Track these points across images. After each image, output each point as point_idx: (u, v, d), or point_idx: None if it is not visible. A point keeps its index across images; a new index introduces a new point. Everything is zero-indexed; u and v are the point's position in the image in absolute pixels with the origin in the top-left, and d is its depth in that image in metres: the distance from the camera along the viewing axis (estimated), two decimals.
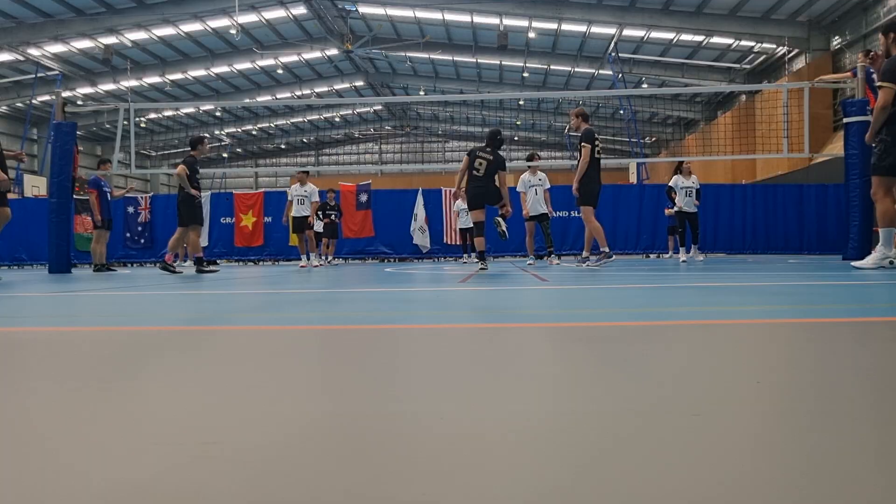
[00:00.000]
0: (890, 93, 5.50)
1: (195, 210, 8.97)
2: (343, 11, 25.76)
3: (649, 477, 0.64)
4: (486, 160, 7.45)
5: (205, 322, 2.39)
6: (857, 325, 1.94)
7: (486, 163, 7.44)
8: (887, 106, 5.54)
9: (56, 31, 23.10)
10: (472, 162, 7.51)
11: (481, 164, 7.45)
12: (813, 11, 21.17)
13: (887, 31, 5.87)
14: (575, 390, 1.06)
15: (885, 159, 5.59)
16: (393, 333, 1.94)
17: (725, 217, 15.54)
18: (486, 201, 7.58)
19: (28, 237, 15.67)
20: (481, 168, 7.43)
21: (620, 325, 2.05)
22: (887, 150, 5.58)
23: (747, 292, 3.30)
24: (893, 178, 5.65)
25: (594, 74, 28.86)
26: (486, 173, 7.43)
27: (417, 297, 3.55)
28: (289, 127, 41.21)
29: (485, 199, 7.56)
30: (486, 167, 7.42)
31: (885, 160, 5.60)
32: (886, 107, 5.54)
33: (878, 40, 5.98)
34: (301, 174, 11.81)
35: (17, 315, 2.78)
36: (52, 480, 0.66)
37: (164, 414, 0.94)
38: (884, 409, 0.91)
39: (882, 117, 5.59)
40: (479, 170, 7.44)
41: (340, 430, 0.83)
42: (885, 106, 5.54)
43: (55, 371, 1.34)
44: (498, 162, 7.49)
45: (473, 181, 7.52)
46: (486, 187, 7.46)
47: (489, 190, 7.47)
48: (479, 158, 7.49)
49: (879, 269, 5.44)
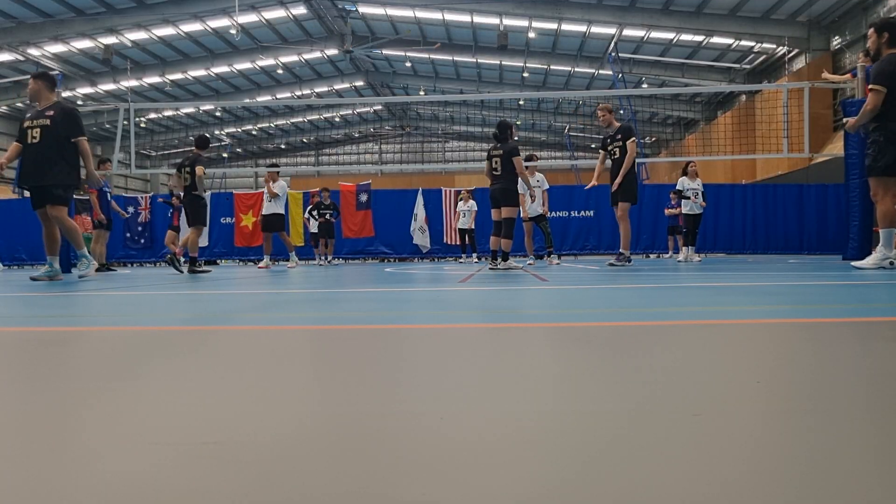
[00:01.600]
0: (880, 96, 5.49)
1: (203, 210, 9.30)
2: (343, 11, 25.77)
3: (649, 477, 0.64)
4: (498, 155, 7.68)
5: (204, 322, 2.39)
6: (857, 326, 1.94)
7: (499, 158, 7.68)
8: (876, 108, 5.53)
9: (56, 31, 23.10)
10: (489, 163, 7.81)
11: (496, 161, 7.70)
12: (813, 11, 21.17)
13: (881, 31, 5.71)
14: (575, 390, 1.06)
15: (880, 160, 5.59)
16: (393, 333, 1.94)
17: (725, 217, 15.55)
18: (502, 201, 7.67)
19: (28, 237, 15.66)
20: (497, 165, 7.69)
21: (620, 325, 2.05)
22: (881, 150, 5.58)
23: (747, 292, 3.30)
24: (891, 177, 5.65)
25: (594, 74, 28.88)
26: (503, 168, 7.65)
27: (417, 297, 3.55)
28: (289, 127, 41.22)
29: (502, 198, 7.72)
30: (500, 162, 7.66)
31: (879, 161, 5.60)
32: (875, 109, 5.53)
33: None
34: (272, 173, 11.65)
35: (17, 315, 2.78)
36: (51, 480, 0.66)
37: (164, 414, 0.94)
38: (884, 409, 0.91)
39: (868, 118, 5.59)
40: (496, 168, 7.71)
41: (340, 430, 0.83)
42: (873, 108, 5.54)
43: (54, 371, 1.34)
44: (508, 151, 7.67)
45: (493, 181, 7.82)
46: (503, 186, 7.69)
47: (506, 188, 7.70)
48: (493, 157, 7.76)
49: (879, 269, 5.44)
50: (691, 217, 11.81)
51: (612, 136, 8.05)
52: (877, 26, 5.79)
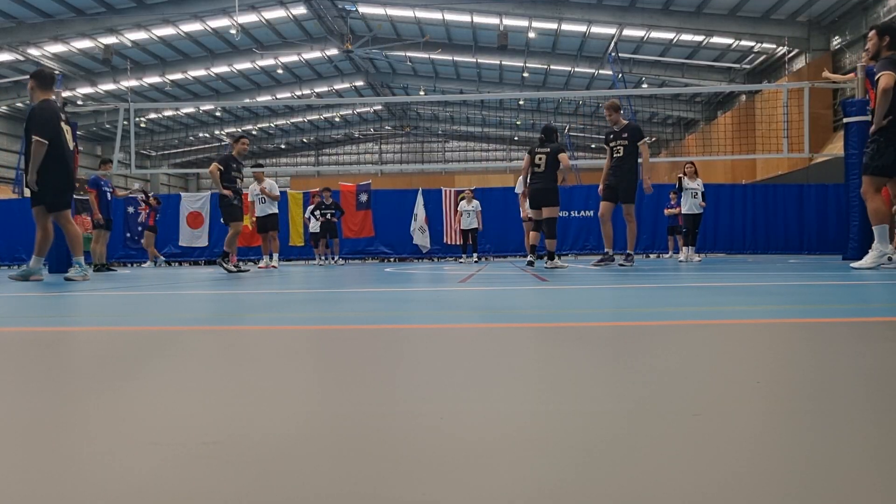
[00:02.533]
0: (891, 77, 5.47)
1: (230, 209, 8.78)
2: (343, 11, 25.76)
3: (649, 477, 0.64)
4: (545, 153, 7.89)
5: (204, 322, 2.39)
6: (856, 326, 1.94)
7: (545, 155, 7.87)
8: (889, 88, 5.47)
9: (56, 31, 23.09)
10: (532, 159, 7.95)
11: (541, 158, 7.88)
12: (813, 11, 21.17)
13: (882, 34, 5.71)
14: (574, 390, 1.06)
15: (877, 160, 5.61)
16: (392, 334, 1.94)
17: (725, 217, 15.55)
18: (544, 201, 7.74)
19: (28, 237, 15.62)
20: (542, 162, 7.86)
21: (620, 325, 2.05)
22: (879, 150, 5.60)
23: (747, 292, 3.31)
24: (883, 178, 5.69)
25: (594, 74, 28.87)
26: (546, 167, 7.83)
27: (417, 297, 3.55)
28: (289, 127, 41.22)
29: (543, 198, 7.85)
30: (545, 160, 7.84)
31: (876, 161, 5.62)
32: (888, 89, 5.47)
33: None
34: (257, 173, 11.60)
35: (17, 315, 2.78)
36: (51, 480, 0.66)
37: (164, 414, 0.94)
38: (883, 409, 0.91)
39: (886, 101, 5.50)
40: (539, 165, 7.88)
41: (340, 430, 0.84)
42: (886, 88, 5.47)
43: (54, 371, 1.34)
44: (555, 150, 7.90)
45: (533, 179, 7.95)
46: (544, 186, 7.85)
47: (547, 188, 7.85)
48: (538, 154, 7.93)
49: (879, 267, 5.45)
50: (690, 217, 11.81)
51: (616, 133, 8.00)
52: (879, 29, 5.80)
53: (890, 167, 5.60)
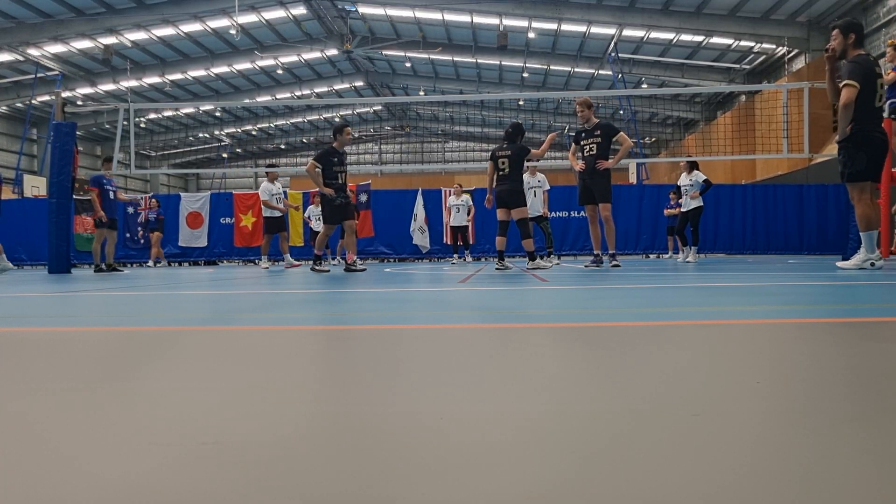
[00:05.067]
0: (854, 90, 5.46)
1: (333, 208, 8.10)
2: (343, 12, 25.77)
3: (649, 477, 0.64)
4: (506, 156, 7.61)
5: (204, 322, 2.39)
6: (856, 326, 1.94)
7: (507, 158, 7.60)
8: (850, 103, 5.49)
9: (56, 31, 23.09)
10: (495, 164, 7.69)
11: (504, 162, 7.62)
12: (813, 12, 21.18)
13: (847, 32, 5.63)
14: (575, 390, 1.06)
15: (850, 167, 5.61)
16: (392, 334, 1.94)
17: (725, 217, 15.54)
18: (512, 203, 7.63)
19: (28, 237, 15.68)
20: (505, 165, 7.61)
21: (620, 325, 2.05)
22: (851, 157, 5.60)
23: (747, 293, 3.31)
24: (865, 181, 5.68)
25: (594, 74, 28.87)
26: (511, 169, 7.59)
27: (417, 297, 3.55)
28: (288, 127, 41.23)
29: (511, 199, 7.66)
30: (508, 162, 7.59)
31: (850, 168, 5.62)
32: (849, 104, 5.49)
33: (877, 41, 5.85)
34: (272, 172, 11.59)
35: (17, 315, 2.78)
36: (51, 481, 0.66)
37: (164, 414, 0.94)
38: (883, 410, 0.91)
39: (847, 114, 5.51)
40: (504, 168, 7.62)
41: (340, 430, 0.83)
42: (847, 103, 5.48)
43: (54, 371, 1.34)
44: (517, 151, 7.63)
45: (500, 181, 7.69)
46: (511, 187, 7.62)
47: (513, 190, 7.63)
48: (499, 158, 7.66)
49: (860, 270, 5.48)
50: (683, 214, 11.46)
51: (588, 132, 7.92)
52: (842, 27, 5.70)
53: (865, 172, 5.61)
